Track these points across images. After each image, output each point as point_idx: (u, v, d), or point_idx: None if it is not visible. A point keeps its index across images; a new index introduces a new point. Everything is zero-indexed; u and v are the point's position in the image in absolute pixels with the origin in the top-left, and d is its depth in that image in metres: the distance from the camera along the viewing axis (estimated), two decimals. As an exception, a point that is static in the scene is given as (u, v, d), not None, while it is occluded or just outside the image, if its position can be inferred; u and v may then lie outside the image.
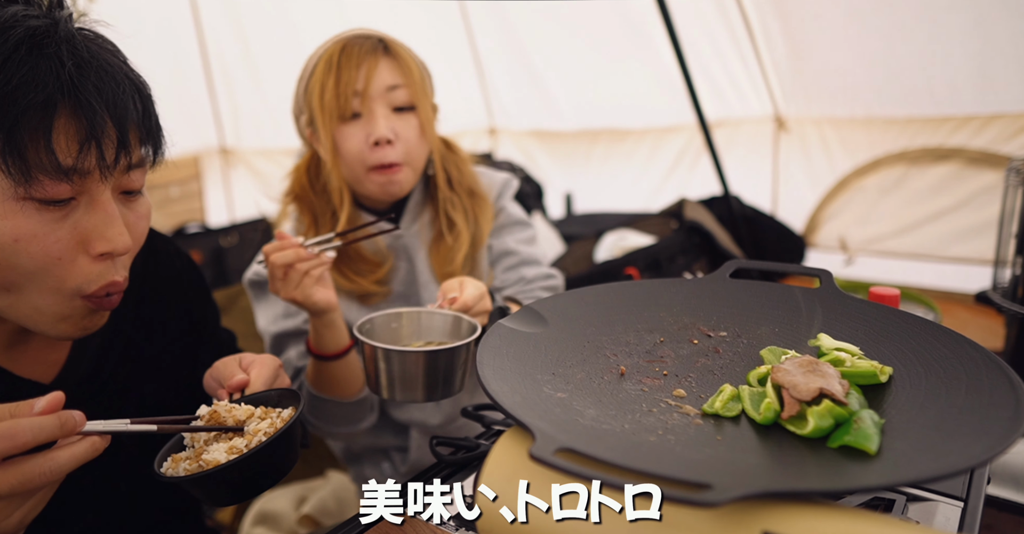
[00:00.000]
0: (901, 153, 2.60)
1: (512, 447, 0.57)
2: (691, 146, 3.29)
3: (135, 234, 0.77)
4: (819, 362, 0.61)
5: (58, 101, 0.65)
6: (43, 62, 0.65)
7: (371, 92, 1.12)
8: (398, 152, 1.14)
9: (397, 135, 1.13)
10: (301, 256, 1.00)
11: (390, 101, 1.13)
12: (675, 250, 2.53)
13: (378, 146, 1.12)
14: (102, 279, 0.73)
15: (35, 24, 0.66)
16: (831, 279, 0.80)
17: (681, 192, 2.98)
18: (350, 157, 1.14)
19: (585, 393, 0.64)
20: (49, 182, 0.66)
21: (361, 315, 1.21)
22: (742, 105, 3.05)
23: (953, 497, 0.68)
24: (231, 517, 1.65)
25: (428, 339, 0.99)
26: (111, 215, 0.71)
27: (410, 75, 1.15)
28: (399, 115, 1.14)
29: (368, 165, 1.14)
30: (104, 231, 0.71)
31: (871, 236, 2.77)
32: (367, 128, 1.12)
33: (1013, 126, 2.34)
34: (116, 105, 0.69)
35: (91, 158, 0.68)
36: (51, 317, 0.73)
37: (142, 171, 0.76)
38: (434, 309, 0.98)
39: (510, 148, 4.03)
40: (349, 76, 1.11)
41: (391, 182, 1.16)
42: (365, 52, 1.12)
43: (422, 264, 1.25)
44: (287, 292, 1.01)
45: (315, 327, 1.08)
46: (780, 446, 0.56)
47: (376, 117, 1.12)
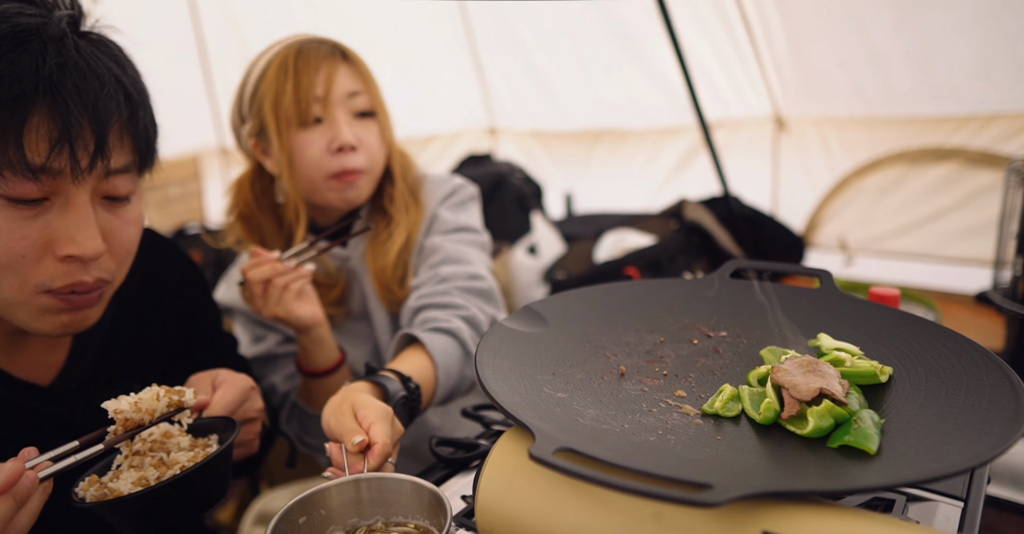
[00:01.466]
0: (901, 153, 2.60)
1: (512, 447, 0.57)
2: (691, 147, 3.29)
3: (119, 240, 0.75)
4: (819, 362, 0.61)
5: (33, 99, 0.64)
6: (25, 58, 0.64)
7: (332, 97, 1.06)
8: (361, 159, 1.09)
9: (360, 141, 1.09)
10: (278, 270, 0.97)
11: (351, 107, 1.09)
12: (675, 250, 2.53)
13: (341, 152, 1.07)
14: (68, 278, 0.71)
15: (25, 22, 0.65)
16: (831, 279, 0.80)
17: (681, 192, 2.97)
18: (309, 165, 1.08)
19: (585, 393, 0.64)
20: (15, 180, 0.65)
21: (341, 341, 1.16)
22: (742, 105, 3.05)
23: (953, 497, 0.68)
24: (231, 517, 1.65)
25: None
26: (84, 219, 0.69)
27: (369, 80, 1.11)
28: (360, 121, 1.10)
29: (328, 172, 1.08)
30: (74, 234, 0.69)
31: (871, 236, 2.77)
32: (329, 134, 1.07)
33: (1013, 126, 2.34)
34: (96, 108, 0.67)
35: (62, 159, 0.66)
36: (27, 312, 0.72)
37: (128, 178, 0.74)
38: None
39: (510, 148, 4.03)
40: (309, 80, 1.05)
41: (351, 188, 1.10)
42: (323, 56, 1.07)
43: (369, 288, 1.19)
44: (269, 309, 0.98)
45: (303, 345, 1.04)
46: (780, 446, 0.56)
47: (339, 123, 1.07)
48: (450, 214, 1.21)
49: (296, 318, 0.99)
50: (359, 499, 0.63)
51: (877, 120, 2.68)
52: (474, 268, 1.14)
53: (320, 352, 1.05)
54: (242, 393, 0.81)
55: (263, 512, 1.50)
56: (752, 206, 2.89)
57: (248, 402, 0.82)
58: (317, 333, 1.03)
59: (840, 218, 2.84)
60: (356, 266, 1.20)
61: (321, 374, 1.07)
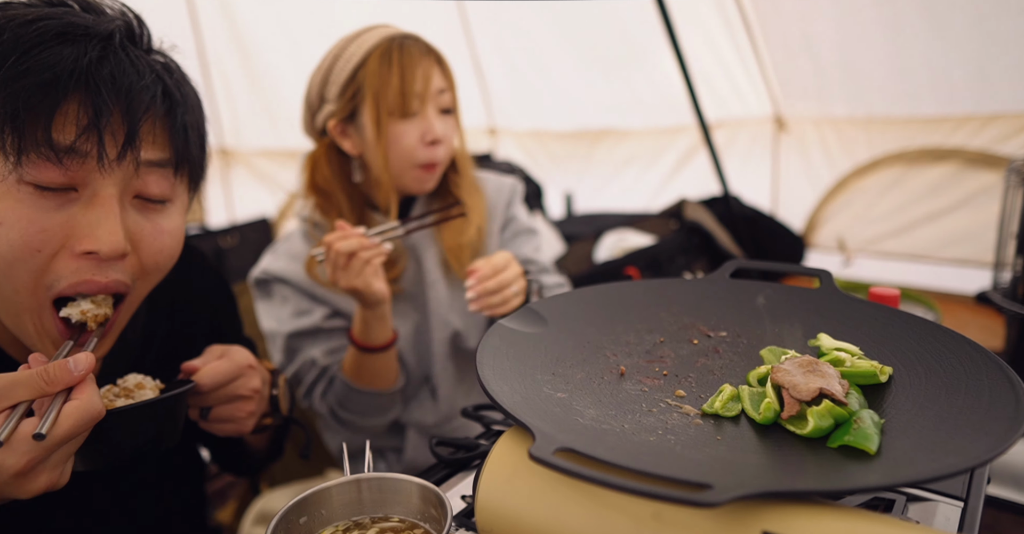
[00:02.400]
0: (900, 153, 2.60)
1: (512, 447, 0.57)
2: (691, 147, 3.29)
3: (151, 248, 0.73)
4: (819, 362, 0.61)
5: (67, 84, 0.64)
6: (68, 49, 0.64)
7: (427, 94, 1.15)
8: (443, 152, 1.18)
9: (444, 136, 1.18)
10: (364, 244, 1.01)
11: (439, 103, 1.17)
12: (675, 250, 2.53)
13: (432, 145, 1.16)
14: (76, 275, 0.68)
15: (76, 21, 0.66)
16: (831, 279, 0.80)
17: (681, 192, 2.98)
18: (401, 153, 1.16)
19: (585, 393, 0.64)
20: (41, 163, 0.64)
21: None
22: (742, 106, 3.05)
23: (953, 497, 0.68)
24: (231, 517, 1.65)
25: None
26: (108, 213, 0.67)
27: (452, 80, 1.20)
28: (443, 117, 1.19)
29: (418, 162, 1.16)
30: (95, 229, 0.67)
31: (871, 236, 2.77)
32: (422, 127, 1.15)
33: (1012, 126, 2.34)
34: (130, 96, 0.67)
35: (89, 144, 0.65)
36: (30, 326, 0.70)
37: (162, 175, 0.73)
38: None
39: (510, 148, 4.03)
40: (412, 75, 1.13)
41: (430, 178, 1.20)
42: (422, 53, 1.15)
43: (430, 263, 1.27)
44: (348, 280, 1.02)
45: (365, 319, 1.09)
46: (780, 446, 0.56)
47: (430, 118, 1.16)
48: (522, 215, 1.37)
49: (372, 292, 1.04)
50: (360, 499, 0.63)
51: (877, 120, 2.68)
52: (558, 277, 1.35)
53: (380, 328, 1.11)
54: (236, 368, 0.81)
55: (263, 512, 1.50)
56: (752, 206, 2.89)
57: (242, 379, 0.82)
58: (383, 309, 1.09)
59: (839, 218, 2.84)
60: (418, 243, 1.27)
61: (375, 350, 1.12)
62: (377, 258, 1.03)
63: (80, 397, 0.60)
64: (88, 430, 0.61)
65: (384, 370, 1.16)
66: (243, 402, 0.84)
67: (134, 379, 0.76)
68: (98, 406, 0.61)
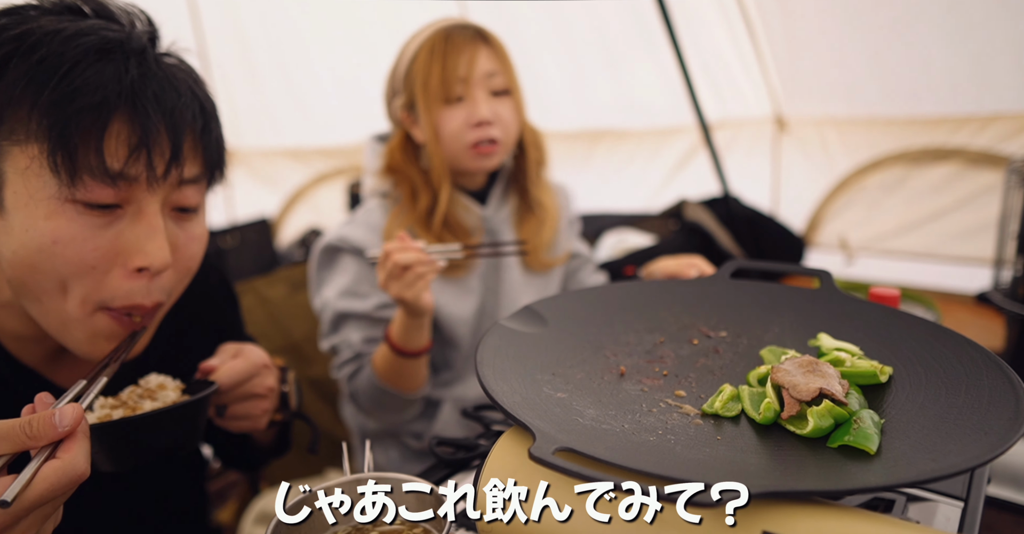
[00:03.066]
0: (901, 153, 2.60)
1: (512, 447, 0.57)
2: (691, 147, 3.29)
3: (184, 255, 0.76)
4: (819, 362, 0.61)
5: (115, 105, 0.65)
6: (109, 67, 0.66)
7: (473, 78, 1.20)
8: (496, 130, 1.22)
9: (496, 116, 1.22)
10: (422, 259, 1.04)
11: (489, 86, 1.22)
12: (675, 250, 2.52)
13: (479, 126, 1.21)
14: (129, 299, 0.71)
15: (110, 35, 0.68)
16: (831, 279, 0.80)
17: (681, 192, 2.97)
18: (451, 136, 1.22)
19: (585, 393, 0.64)
20: (94, 185, 0.65)
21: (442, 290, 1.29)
22: (742, 106, 3.04)
23: (953, 497, 0.68)
24: (231, 517, 1.65)
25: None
26: (154, 228, 0.70)
27: (505, 62, 1.24)
28: (497, 99, 1.23)
29: (467, 143, 1.22)
30: (144, 244, 0.69)
31: (872, 235, 2.77)
32: (468, 110, 1.21)
33: (1013, 126, 2.34)
34: (173, 115, 0.69)
35: (140, 165, 0.67)
36: (81, 332, 0.72)
37: (198, 189, 0.76)
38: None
39: (510, 148, 4.03)
40: (454, 62, 1.19)
41: (487, 158, 1.24)
42: (467, 40, 1.20)
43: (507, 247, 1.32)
44: (398, 290, 1.05)
45: (406, 325, 1.12)
46: (780, 446, 0.56)
47: (477, 100, 1.20)
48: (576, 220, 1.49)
49: (421, 305, 1.07)
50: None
51: (877, 120, 2.68)
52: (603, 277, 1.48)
53: (418, 336, 1.14)
54: (253, 367, 0.82)
55: (263, 512, 1.50)
56: (752, 206, 2.89)
57: (258, 377, 0.84)
58: (424, 320, 1.12)
59: (841, 218, 2.84)
60: (498, 227, 1.34)
61: (409, 354, 1.15)
62: (430, 274, 1.06)
63: (63, 457, 0.53)
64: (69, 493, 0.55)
65: (412, 374, 1.19)
66: (259, 400, 0.85)
67: (156, 380, 0.77)
68: (81, 468, 0.54)
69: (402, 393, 1.20)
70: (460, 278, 1.30)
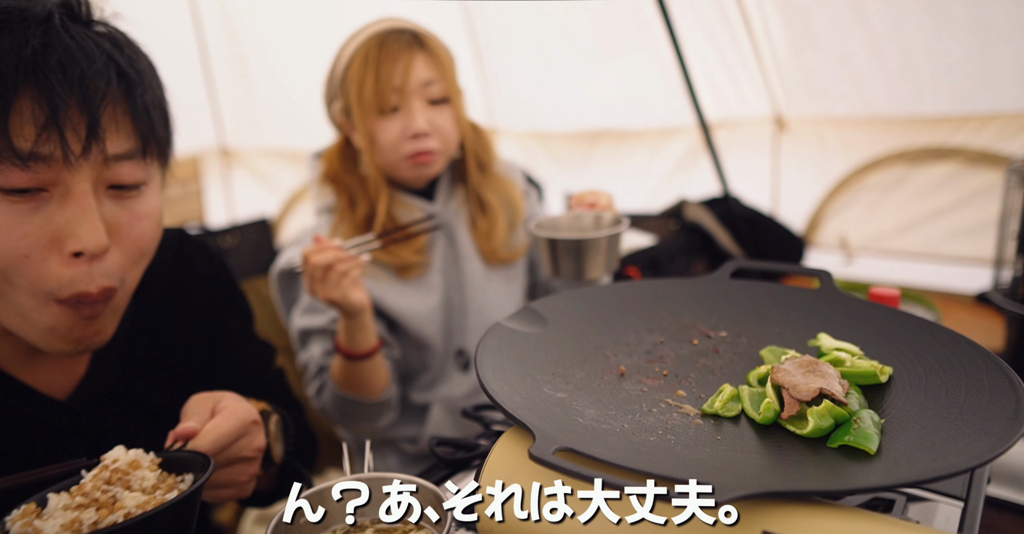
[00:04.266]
0: (902, 152, 2.60)
1: (512, 447, 0.57)
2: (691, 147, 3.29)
3: (131, 236, 0.70)
4: (819, 362, 0.61)
5: (15, 80, 0.60)
6: (5, 39, 0.60)
7: (408, 87, 1.16)
8: (433, 142, 1.19)
9: (434, 126, 1.19)
10: (340, 257, 1.03)
11: (426, 95, 1.18)
12: (675, 250, 2.53)
13: (416, 138, 1.17)
14: (72, 287, 0.66)
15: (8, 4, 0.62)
16: (831, 279, 0.80)
17: (681, 192, 2.97)
18: (387, 147, 1.19)
19: (585, 393, 0.64)
20: (5, 168, 0.60)
21: (401, 293, 1.27)
22: (742, 105, 3.04)
23: (953, 497, 0.68)
24: (231, 517, 1.65)
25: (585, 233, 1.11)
26: (85, 210, 0.64)
27: (443, 69, 1.20)
28: (434, 108, 1.19)
29: (403, 155, 1.19)
30: (75, 228, 0.64)
31: (872, 235, 2.77)
32: (404, 121, 1.17)
33: (1013, 126, 2.34)
34: (85, 86, 0.62)
35: (52, 144, 0.61)
36: (37, 327, 0.68)
37: (135, 164, 0.69)
38: (580, 211, 1.16)
39: (510, 148, 4.03)
40: (388, 72, 1.15)
41: (425, 167, 1.21)
42: (402, 47, 1.16)
43: (463, 239, 1.30)
44: (325, 292, 1.03)
45: (347, 328, 1.10)
46: (780, 446, 0.56)
47: (414, 111, 1.17)
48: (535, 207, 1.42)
49: (350, 303, 1.05)
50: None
51: (877, 120, 2.68)
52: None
53: (363, 336, 1.12)
54: (241, 426, 0.71)
55: (263, 512, 1.50)
56: (752, 206, 2.89)
57: (246, 438, 0.72)
58: (363, 318, 1.10)
59: (841, 217, 2.84)
60: (448, 219, 1.30)
61: (358, 357, 1.14)
62: (355, 270, 1.04)
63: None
64: None
65: (369, 378, 1.16)
66: (246, 464, 0.73)
67: (125, 457, 0.61)
68: None
69: (364, 399, 1.18)
70: (417, 277, 1.28)
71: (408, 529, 0.62)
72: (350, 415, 1.21)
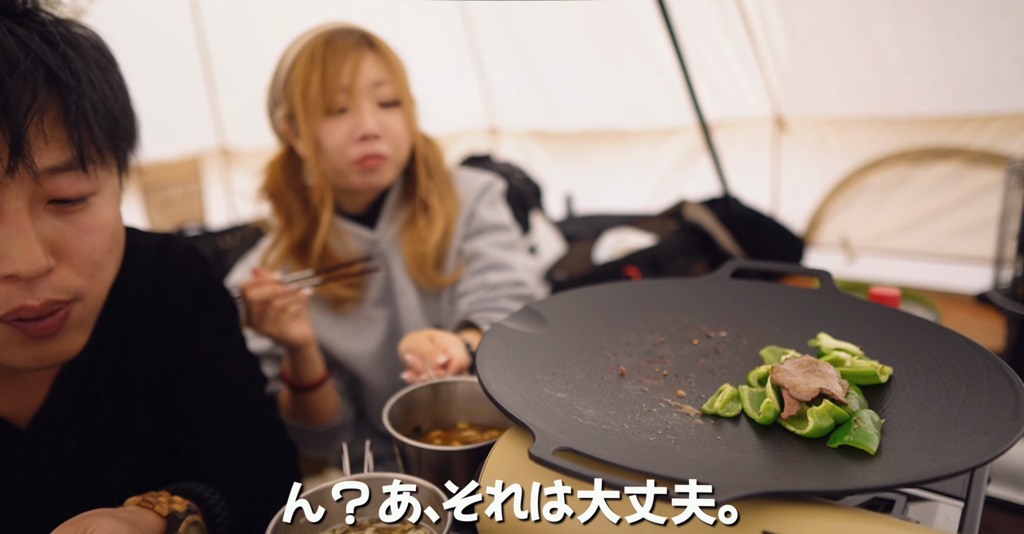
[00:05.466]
0: (902, 152, 2.60)
1: (512, 447, 0.57)
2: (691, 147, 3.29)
3: (78, 252, 0.64)
4: (819, 362, 0.61)
5: None
6: None
7: (357, 87, 1.09)
8: (383, 146, 1.12)
9: (384, 129, 1.12)
10: (278, 292, 0.99)
11: (376, 96, 1.11)
12: (675, 250, 2.53)
13: (364, 140, 1.10)
14: (8, 304, 0.60)
15: None
16: (831, 279, 0.80)
17: (681, 192, 2.98)
18: (333, 151, 1.11)
19: (585, 393, 0.64)
20: None
21: (334, 326, 1.20)
22: (742, 105, 3.04)
23: (953, 497, 0.68)
24: (231, 517, 1.64)
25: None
26: (18, 230, 0.58)
27: (394, 71, 1.14)
28: (385, 110, 1.13)
29: (351, 159, 1.11)
30: (8, 250, 0.58)
31: (872, 234, 2.77)
32: (352, 122, 1.10)
33: (1013, 126, 2.34)
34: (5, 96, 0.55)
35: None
36: None
37: (76, 175, 0.62)
38: (452, 378, 0.82)
39: (510, 148, 4.03)
40: (335, 70, 1.08)
41: (374, 173, 1.13)
42: (350, 46, 1.10)
43: (398, 271, 1.22)
44: (264, 328, 1.01)
45: (291, 361, 1.07)
46: (780, 446, 0.56)
47: (362, 112, 1.10)
48: (487, 211, 1.26)
49: (290, 338, 1.02)
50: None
51: (877, 120, 2.68)
52: (517, 275, 1.19)
53: (307, 369, 1.08)
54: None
55: (263, 512, 1.49)
56: (752, 206, 2.89)
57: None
58: (306, 352, 1.06)
59: (842, 217, 2.85)
60: (386, 249, 1.22)
61: (306, 389, 1.10)
62: (293, 305, 1.01)
63: None
64: None
65: (317, 408, 1.13)
66: None
67: None
68: None
69: (311, 426, 1.15)
70: (353, 311, 1.22)
71: (408, 529, 0.62)
72: (302, 442, 1.17)
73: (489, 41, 3.65)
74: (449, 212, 1.22)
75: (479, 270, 1.20)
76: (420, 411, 0.80)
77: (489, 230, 1.26)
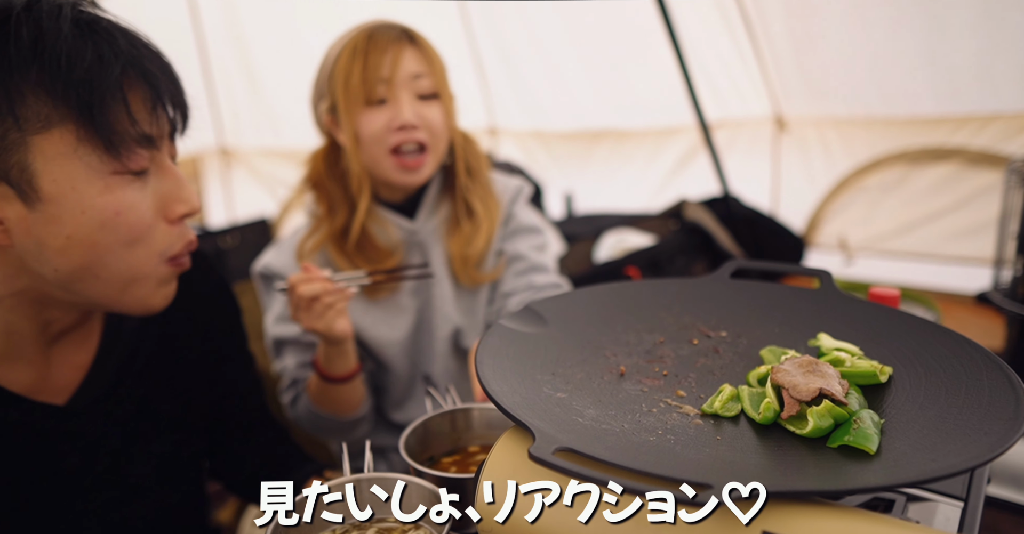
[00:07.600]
0: (902, 153, 2.60)
1: (512, 447, 0.57)
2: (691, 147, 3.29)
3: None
4: (819, 362, 0.61)
5: (127, 70, 0.68)
6: (96, 38, 0.67)
7: (397, 79, 1.13)
8: (421, 134, 1.15)
9: (423, 119, 1.15)
10: (328, 289, 1.01)
11: (415, 89, 1.15)
12: (675, 250, 2.53)
13: (402, 130, 1.13)
14: (183, 238, 0.76)
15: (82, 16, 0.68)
16: (831, 279, 0.80)
17: (681, 192, 2.97)
18: (371, 140, 1.14)
19: (585, 393, 0.64)
20: (138, 151, 0.70)
21: (371, 315, 1.23)
22: (742, 105, 3.05)
23: (953, 497, 0.68)
24: (231, 517, 1.65)
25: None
26: (181, 178, 0.75)
27: (433, 64, 1.17)
28: (423, 102, 1.16)
29: (388, 147, 1.14)
30: (180, 193, 0.74)
31: (872, 235, 2.77)
32: (391, 112, 1.13)
33: (1013, 126, 2.34)
34: (164, 69, 0.72)
35: (162, 122, 0.72)
36: (150, 284, 0.75)
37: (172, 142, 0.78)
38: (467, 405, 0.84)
39: (510, 148, 4.03)
40: (376, 62, 1.12)
41: (413, 172, 1.17)
42: (391, 40, 1.14)
43: (437, 260, 1.26)
44: (309, 322, 1.02)
45: (327, 353, 1.09)
46: (780, 446, 0.56)
47: (401, 102, 1.13)
48: (524, 214, 1.33)
49: (334, 334, 1.04)
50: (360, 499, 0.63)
51: (877, 120, 2.68)
52: (555, 278, 1.28)
53: (342, 362, 1.10)
54: None
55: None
56: (752, 206, 2.89)
57: None
58: (344, 346, 1.09)
59: (841, 217, 2.85)
60: (424, 240, 1.25)
61: (337, 380, 1.12)
62: (340, 302, 1.03)
63: None
64: None
65: (346, 399, 1.15)
66: None
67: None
68: None
69: (337, 417, 1.17)
70: (386, 298, 1.25)
71: (408, 529, 0.62)
72: (323, 429, 1.21)
73: (488, 41, 3.65)
74: (492, 217, 1.27)
75: (522, 271, 1.27)
76: (436, 440, 0.82)
77: (525, 232, 1.32)
